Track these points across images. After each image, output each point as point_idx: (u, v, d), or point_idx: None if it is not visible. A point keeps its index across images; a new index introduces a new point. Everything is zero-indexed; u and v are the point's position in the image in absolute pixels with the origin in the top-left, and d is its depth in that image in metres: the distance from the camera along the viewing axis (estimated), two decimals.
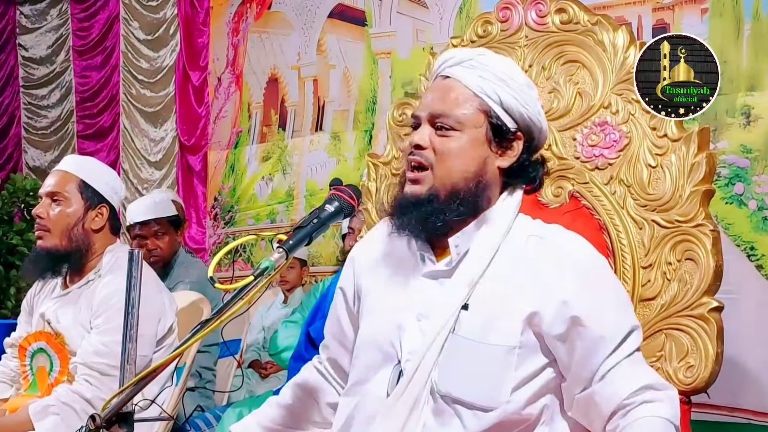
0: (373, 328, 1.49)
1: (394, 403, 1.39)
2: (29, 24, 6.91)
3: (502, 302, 1.40)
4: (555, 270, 1.40)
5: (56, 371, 2.27)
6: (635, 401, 1.34)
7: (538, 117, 1.49)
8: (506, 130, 1.45)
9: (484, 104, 1.44)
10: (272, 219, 5.48)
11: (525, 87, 1.49)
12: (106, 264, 2.33)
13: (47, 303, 2.36)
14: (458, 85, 1.45)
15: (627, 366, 1.37)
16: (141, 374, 1.25)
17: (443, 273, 1.45)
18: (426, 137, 1.44)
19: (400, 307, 1.46)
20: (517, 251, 1.43)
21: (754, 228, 3.62)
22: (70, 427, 2.06)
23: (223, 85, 5.82)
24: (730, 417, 3.47)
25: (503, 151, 1.46)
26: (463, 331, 1.39)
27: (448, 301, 1.41)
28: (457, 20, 4.71)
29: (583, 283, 1.39)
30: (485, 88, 1.44)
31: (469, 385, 1.37)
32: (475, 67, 1.46)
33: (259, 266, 1.29)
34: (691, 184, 1.76)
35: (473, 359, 1.38)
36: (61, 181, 2.34)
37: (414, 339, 1.41)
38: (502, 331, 1.38)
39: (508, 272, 1.42)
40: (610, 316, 1.40)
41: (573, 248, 1.44)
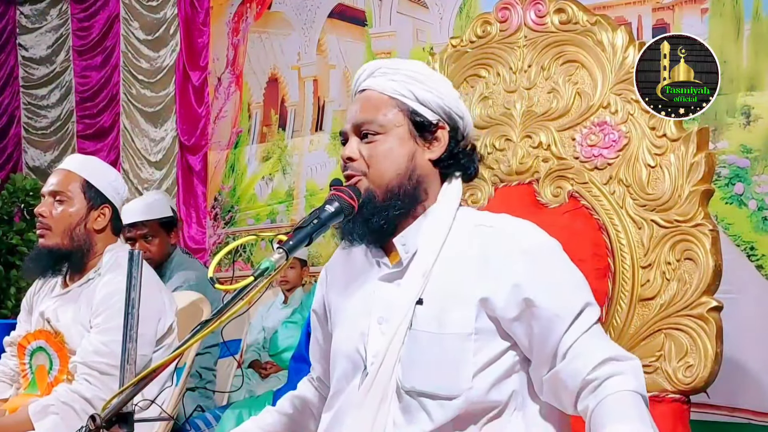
0: (341, 340, 1.53)
1: (361, 401, 1.42)
2: (29, 24, 6.91)
3: (454, 292, 1.42)
4: (504, 255, 1.42)
5: (56, 370, 2.27)
6: (599, 376, 1.34)
7: (457, 105, 1.53)
8: (428, 123, 1.49)
9: (401, 103, 1.49)
10: (272, 219, 5.48)
11: (437, 80, 1.55)
12: (106, 263, 2.33)
13: (47, 302, 2.36)
14: (373, 94, 1.51)
15: (586, 341, 1.38)
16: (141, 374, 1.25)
17: (397, 274, 1.48)
18: (355, 149, 1.49)
19: (362, 315, 1.49)
20: (464, 241, 1.46)
21: (754, 228, 3.62)
22: (69, 426, 2.06)
23: (223, 85, 5.82)
24: (729, 417, 3.47)
25: (430, 144, 1.50)
26: (419, 325, 1.42)
27: (403, 299, 1.44)
28: (457, 20, 4.71)
29: (532, 265, 1.41)
30: (398, 89, 1.49)
31: (430, 377, 1.40)
32: (386, 73, 1.51)
33: (259, 267, 1.29)
34: (690, 183, 1.76)
35: (432, 351, 1.41)
36: (64, 180, 2.34)
37: (377, 342, 1.44)
38: (456, 319, 1.41)
39: (457, 262, 1.44)
40: (563, 295, 1.41)
41: (522, 234, 1.46)
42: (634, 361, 1.39)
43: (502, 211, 1.57)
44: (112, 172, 2.47)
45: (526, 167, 1.97)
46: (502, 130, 2.02)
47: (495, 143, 2.03)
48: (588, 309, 1.41)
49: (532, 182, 1.96)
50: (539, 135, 1.96)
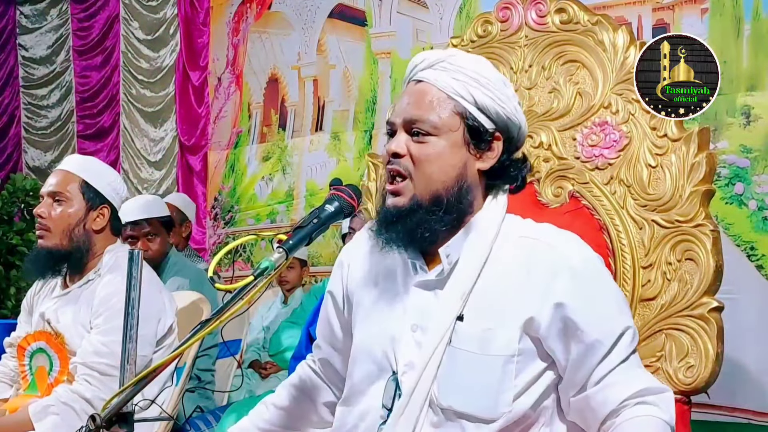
0: (367, 339, 1.48)
1: (395, 420, 1.37)
2: (29, 24, 6.91)
3: (497, 311, 1.38)
4: (549, 273, 1.38)
5: (56, 371, 2.27)
6: (630, 403, 1.34)
7: (515, 114, 1.45)
8: (484, 131, 1.42)
9: (459, 106, 1.41)
10: (272, 219, 5.48)
11: (500, 85, 1.45)
12: (106, 263, 2.33)
13: (47, 302, 2.36)
14: (431, 89, 1.42)
15: (623, 371, 1.36)
16: (141, 374, 1.25)
17: (435, 283, 1.43)
18: (403, 144, 1.41)
19: (393, 318, 1.44)
20: (508, 255, 1.41)
21: (754, 228, 3.61)
22: (70, 427, 2.05)
23: (223, 85, 5.82)
24: (730, 417, 3.46)
25: (482, 153, 1.43)
26: (459, 342, 1.38)
27: (442, 312, 1.39)
28: (457, 20, 4.71)
29: (577, 285, 1.37)
30: (459, 90, 1.41)
31: (470, 398, 1.36)
32: (447, 68, 1.42)
33: (259, 266, 1.29)
34: (691, 184, 1.76)
35: (473, 371, 1.37)
36: (63, 180, 2.34)
37: (410, 351, 1.40)
38: (499, 340, 1.37)
39: (500, 278, 1.39)
40: (605, 319, 1.38)
41: (567, 250, 1.41)
42: (668, 393, 1.38)
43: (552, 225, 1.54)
44: (111, 173, 2.47)
45: None
46: None
47: None
48: (627, 334, 1.38)
49: (532, 182, 1.96)
50: (540, 135, 1.96)
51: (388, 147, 1.42)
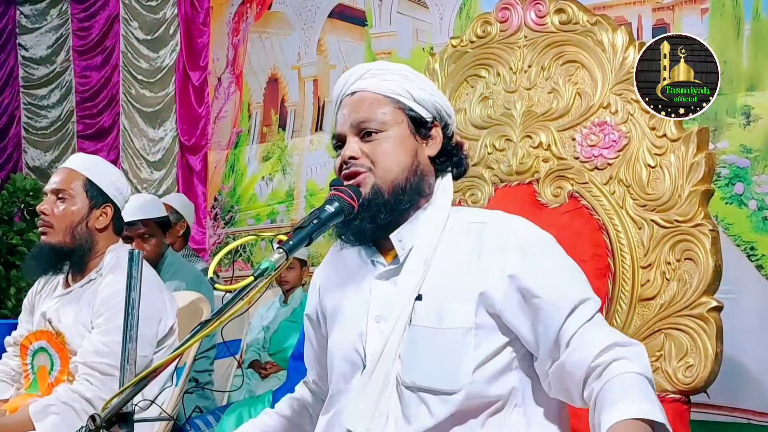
0: (338, 341, 1.53)
1: (359, 396, 1.42)
2: (29, 24, 6.91)
3: (452, 287, 1.42)
4: (499, 249, 1.43)
5: (56, 370, 2.27)
6: (603, 361, 1.34)
7: (446, 103, 1.56)
8: (424, 120, 1.51)
9: (397, 102, 1.50)
10: (272, 219, 5.48)
11: (427, 79, 1.57)
12: (107, 263, 2.33)
13: (49, 302, 2.36)
14: (368, 94, 1.50)
15: (588, 329, 1.38)
16: (141, 374, 1.25)
17: (393, 272, 1.48)
18: (356, 148, 1.48)
19: (359, 315, 1.48)
20: (459, 238, 1.47)
21: (754, 228, 3.62)
22: (70, 426, 2.05)
23: (223, 85, 5.82)
24: (729, 417, 3.47)
25: (427, 141, 1.52)
26: (419, 320, 1.42)
27: (401, 296, 1.44)
28: (457, 20, 4.71)
29: (528, 256, 1.42)
30: (393, 88, 1.50)
31: (431, 371, 1.39)
32: (377, 74, 1.52)
33: (259, 267, 1.29)
34: (690, 183, 1.76)
35: (432, 346, 1.40)
36: (67, 178, 2.35)
37: (375, 341, 1.44)
38: (456, 314, 1.40)
39: (454, 258, 1.45)
40: (560, 285, 1.41)
41: (515, 227, 1.47)
42: (638, 346, 1.38)
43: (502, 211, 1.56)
44: (115, 172, 2.48)
45: (526, 167, 1.97)
46: (503, 130, 2.02)
47: (495, 143, 2.03)
48: (588, 300, 1.41)
49: (532, 182, 1.96)
50: (539, 135, 1.96)
51: (342, 154, 1.49)
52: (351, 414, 1.42)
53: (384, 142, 1.47)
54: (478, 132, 2.06)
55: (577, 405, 1.40)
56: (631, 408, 1.25)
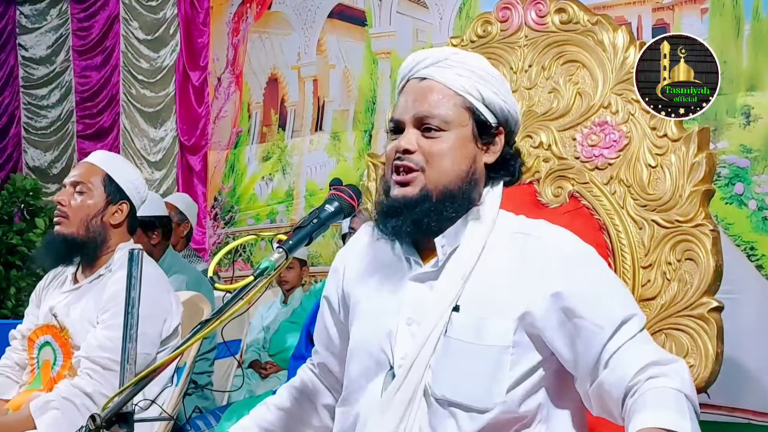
0: (364, 336, 1.48)
1: (386, 404, 1.38)
2: (29, 24, 6.91)
3: (492, 301, 1.38)
4: (542, 265, 1.38)
5: (59, 365, 2.27)
6: (641, 379, 1.30)
7: (515, 109, 1.49)
8: (489, 125, 1.44)
9: (467, 102, 1.43)
10: (272, 219, 5.48)
11: (501, 80, 1.49)
12: (117, 260, 2.34)
13: (57, 296, 2.37)
14: (438, 86, 1.43)
15: (630, 348, 1.33)
16: (141, 374, 1.25)
17: (430, 275, 1.43)
18: (413, 141, 1.41)
19: (389, 313, 1.44)
20: (503, 249, 1.42)
21: (754, 228, 3.62)
22: (70, 421, 2.05)
23: (223, 85, 5.82)
24: (730, 417, 3.47)
25: (488, 147, 1.46)
26: (455, 332, 1.38)
27: (438, 302, 1.40)
28: (457, 20, 4.71)
29: (572, 274, 1.37)
30: (466, 86, 1.43)
31: (464, 387, 1.36)
32: (452, 66, 1.44)
33: (258, 266, 1.29)
34: (690, 184, 1.76)
35: (467, 361, 1.37)
36: (86, 172, 2.37)
37: (405, 344, 1.40)
38: (494, 331, 1.36)
39: (496, 271, 1.40)
40: (604, 304, 1.37)
41: (559, 241, 1.42)
42: (679, 363, 1.34)
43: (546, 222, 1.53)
44: (134, 171, 2.50)
45: (526, 167, 1.97)
46: None
47: None
48: (631, 319, 1.36)
49: (532, 182, 1.96)
50: (540, 135, 1.96)
51: (397, 144, 1.42)
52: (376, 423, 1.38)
53: (443, 142, 1.41)
54: None
55: (618, 424, 1.36)
56: (659, 417, 1.22)
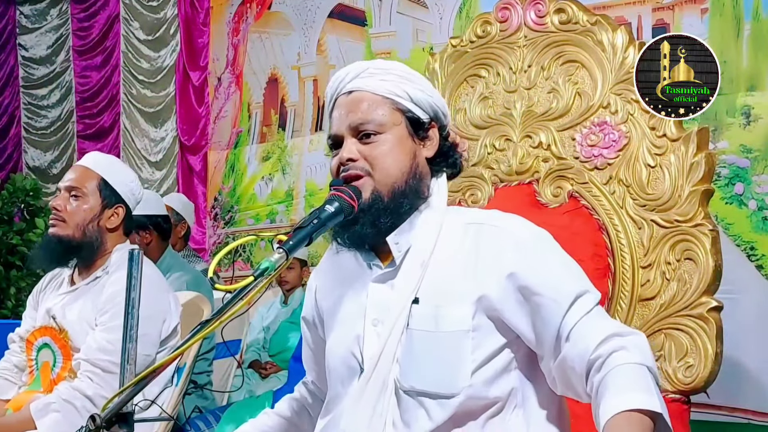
0: (335, 345, 1.52)
1: (357, 397, 1.41)
2: (29, 24, 6.91)
3: (449, 289, 1.41)
4: (497, 249, 1.42)
5: (59, 367, 2.27)
6: (603, 353, 1.32)
7: (442, 103, 1.54)
8: (421, 122, 1.49)
9: (396, 103, 1.47)
10: (272, 219, 5.48)
11: (424, 79, 1.55)
12: (114, 262, 2.34)
13: (54, 298, 2.37)
14: (365, 94, 1.48)
15: (588, 322, 1.36)
16: (141, 374, 1.25)
17: (390, 274, 1.46)
18: (354, 149, 1.46)
19: (355, 318, 1.48)
20: (456, 239, 1.45)
21: (754, 228, 3.62)
22: (71, 424, 2.06)
23: (223, 85, 5.82)
24: (729, 417, 3.47)
25: (424, 142, 1.50)
26: (416, 324, 1.41)
27: (398, 299, 1.43)
28: (457, 20, 4.71)
29: (525, 254, 1.41)
30: (391, 89, 1.48)
31: (429, 375, 1.39)
32: (374, 73, 1.49)
33: (259, 267, 1.29)
34: (690, 183, 1.76)
35: (430, 349, 1.39)
36: (82, 176, 2.36)
37: (373, 344, 1.43)
38: (452, 317, 1.39)
39: (451, 260, 1.43)
40: (560, 281, 1.40)
41: (511, 226, 1.45)
42: (638, 335, 1.37)
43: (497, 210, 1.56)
44: (129, 174, 2.49)
45: (526, 167, 1.97)
46: (502, 130, 2.02)
47: (495, 143, 2.03)
48: (586, 293, 1.40)
49: (532, 182, 1.96)
50: (539, 135, 1.96)
51: (340, 156, 1.47)
52: (349, 419, 1.41)
53: (382, 145, 1.45)
54: (478, 132, 2.06)
55: (583, 401, 1.39)
56: (629, 399, 1.24)
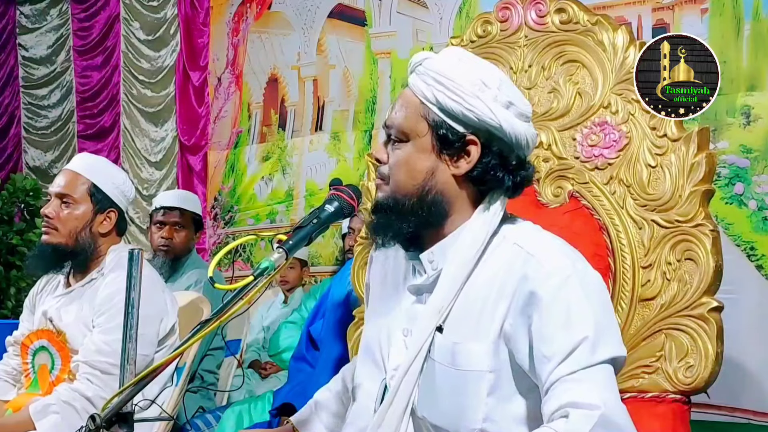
0: (369, 339, 1.51)
1: (380, 419, 1.38)
2: (29, 24, 6.91)
3: (471, 324, 1.34)
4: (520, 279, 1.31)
5: (57, 369, 2.27)
6: (555, 417, 1.23)
7: (495, 117, 1.34)
8: (453, 135, 1.35)
9: (426, 110, 1.36)
10: (272, 219, 5.48)
11: (470, 87, 1.36)
12: (109, 263, 2.33)
13: (50, 301, 2.37)
14: (408, 94, 1.40)
15: (565, 384, 1.24)
16: (141, 374, 1.25)
17: (424, 288, 1.42)
18: (382, 150, 1.42)
19: (391, 319, 1.46)
20: (498, 261, 1.36)
21: (754, 228, 3.61)
22: (70, 425, 2.06)
23: (223, 85, 5.82)
24: (730, 417, 3.46)
25: (456, 159, 1.37)
26: (436, 354, 1.36)
27: (424, 321, 1.37)
28: (457, 20, 4.71)
29: (545, 309, 1.28)
30: (426, 94, 1.36)
31: (441, 411, 1.35)
32: (421, 72, 1.38)
33: (258, 266, 1.29)
34: (690, 184, 1.76)
35: (445, 384, 1.35)
36: (72, 182, 2.34)
37: (399, 354, 1.41)
38: (470, 354, 1.33)
39: (483, 288, 1.35)
40: (558, 336, 1.27)
41: (546, 257, 1.33)
42: (595, 410, 1.21)
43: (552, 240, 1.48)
44: (119, 175, 2.46)
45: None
46: None
47: None
48: (585, 347, 1.25)
49: (532, 182, 1.96)
50: (540, 135, 1.96)
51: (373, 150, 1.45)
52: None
53: (401, 154, 1.38)
54: None
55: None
56: None
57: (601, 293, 1.34)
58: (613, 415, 1.22)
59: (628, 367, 1.76)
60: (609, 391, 1.25)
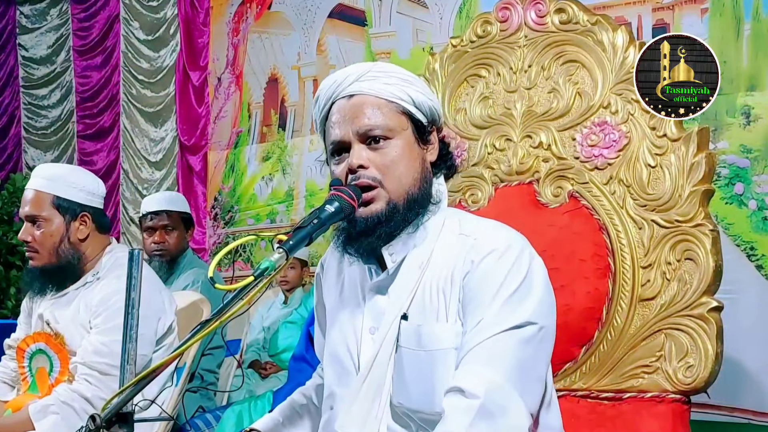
0: (334, 344, 1.52)
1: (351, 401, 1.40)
2: (29, 24, 6.91)
3: (433, 306, 1.39)
4: (468, 261, 1.38)
5: (56, 371, 2.27)
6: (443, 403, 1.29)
7: (438, 105, 1.51)
8: (423, 125, 1.46)
9: (400, 107, 1.44)
10: (272, 219, 5.48)
11: (422, 82, 1.52)
12: (104, 265, 2.33)
13: (45, 304, 2.36)
14: (369, 98, 1.44)
15: (465, 362, 1.31)
16: (141, 374, 1.25)
17: (386, 282, 1.45)
18: (364, 156, 1.41)
19: (355, 322, 1.48)
20: (447, 251, 1.42)
21: (754, 228, 3.62)
22: (70, 426, 2.06)
23: (223, 85, 5.82)
24: (730, 417, 3.47)
25: (427, 147, 1.47)
26: (404, 341, 1.40)
27: (390, 312, 1.42)
28: (457, 20, 4.71)
29: (487, 261, 1.36)
30: (395, 92, 1.44)
31: (414, 395, 1.38)
32: (377, 76, 1.45)
33: (259, 266, 1.28)
34: (690, 183, 1.76)
35: (414, 368, 1.38)
36: (36, 202, 2.32)
37: (369, 351, 1.43)
38: (434, 335, 1.38)
39: (438, 275, 1.41)
40: (481, 307, 1.34)
41: (490, 237, 1.40)
42: (475, 400, 1.26)
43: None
44: (82, 177, 2.38)
45: (526, 167, 1.97)
46: (503, 130, 2.02)
47: (495, 143, 2.02)
48: (497, 314, 1.31)
49: (532, 182, 1.96)
50: (539, 135, 1.96)
51: (349, 161, 1.42)
52: (344, 419, 1.41)
53: (393, 151, 1.41)
54: (478, 132, 2.06)
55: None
56: None
57: (533, 268, 1.38)
58: (493, 402, 1.26)
59: (628, 367, 1.77)
60: (502, 366, 1.29)
